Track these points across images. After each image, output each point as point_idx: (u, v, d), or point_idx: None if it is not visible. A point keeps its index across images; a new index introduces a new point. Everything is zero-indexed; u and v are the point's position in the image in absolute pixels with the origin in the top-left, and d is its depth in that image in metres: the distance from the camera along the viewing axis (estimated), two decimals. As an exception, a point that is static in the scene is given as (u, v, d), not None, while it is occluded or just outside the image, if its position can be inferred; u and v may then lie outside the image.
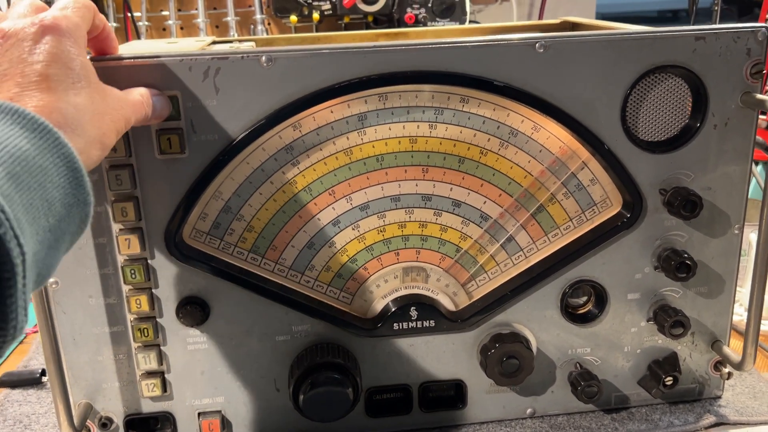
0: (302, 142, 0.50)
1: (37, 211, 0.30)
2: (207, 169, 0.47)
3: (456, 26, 0.84)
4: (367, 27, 1.00)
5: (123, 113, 0.40)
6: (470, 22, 0.95)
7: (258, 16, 0.98)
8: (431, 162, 0.52)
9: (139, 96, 0.43)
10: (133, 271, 0.49)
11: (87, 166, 0.35)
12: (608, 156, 0.51)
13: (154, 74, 0.45)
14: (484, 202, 0.53)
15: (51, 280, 0.48)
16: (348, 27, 1.00)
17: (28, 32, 0.36)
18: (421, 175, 0.52)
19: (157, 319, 0.51)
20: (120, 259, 0.49)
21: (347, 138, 0.50)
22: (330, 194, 0.51)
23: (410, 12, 0.91)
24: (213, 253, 0.51)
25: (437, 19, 0.91)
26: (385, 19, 0.98)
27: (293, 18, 0.95)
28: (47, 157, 0.31)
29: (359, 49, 0.47)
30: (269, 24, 1.01)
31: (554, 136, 0.52)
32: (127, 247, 0.48)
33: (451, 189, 0.52)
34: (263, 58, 0.46)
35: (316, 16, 0.95)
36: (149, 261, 0.49)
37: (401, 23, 0.92)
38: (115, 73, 0.45)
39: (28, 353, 0.69)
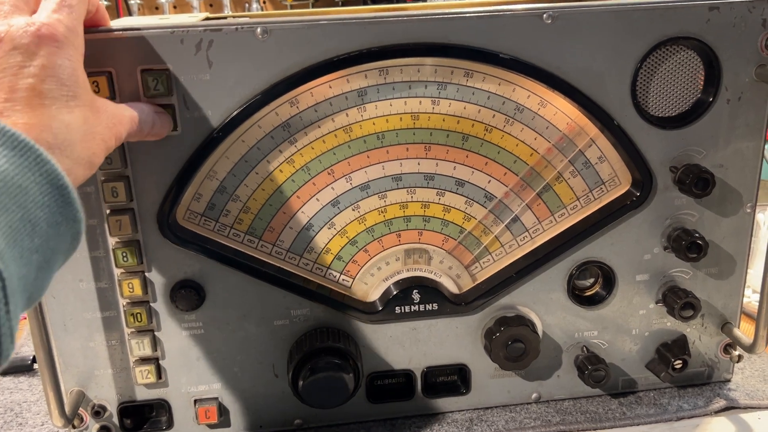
0: (300, 118, 0.48)
1: (18, 233, 0.28)
2: (200, 147, 0.45)
3: (452, 1, 0.81)
4: (365, 4, 0.97)
5: (115, 131, 0.38)
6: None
7: (253, -6, 0.95)
8: (434, 139, 0.50)
9: (137, 112, 0.41)
10: (125, 254, 0.47)
11: (72, 184, 0.32)
12: (617, 132, 0.49)
13: (144, 47, 0.43)
14: (489, 182, 0.51)
15: (39, 263, 0.47)
16: (346, 4, 0.98)
17: (22, 42, 0.33)
18: (424, 154, 0.50)
19: (151, 304, 0.49)
20: (111, 242, 0.47)
21: (347, 114, 0.48)
22: (329, 173, 0.50)
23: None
24: (208, 235, 0.49)
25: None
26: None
27: (289, -5, 0.92)
28: (28, 176, 0.29)
29: (359, 20, 0.45)
30: (264, 2, 0.98)
31: (561, 111, 0.50)
32: (118, 228, 0.46)
33: (454, 168, 0.50)
34: (258, 29, 0.44)
35: (312, -7, 0.92)
36: (141, 243, 0.47)
37: (400, 1, 0.90)
38: (104, 46, 0.43)
39: (19, 339, 0.67)
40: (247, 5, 0.97)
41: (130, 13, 0.93)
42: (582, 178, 0.52)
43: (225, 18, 0.67)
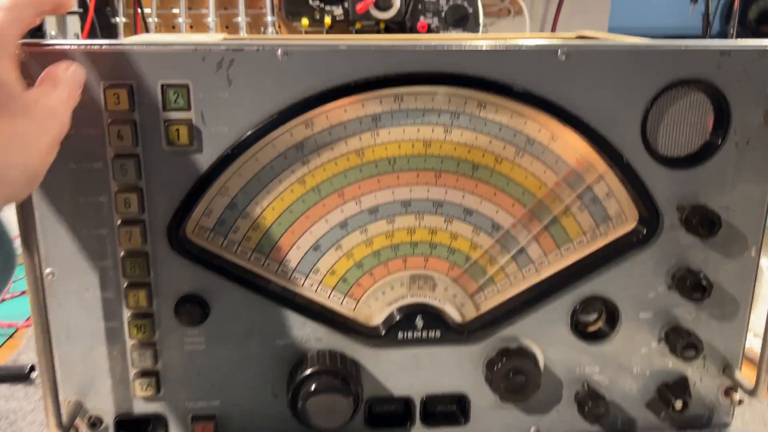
0: (314, 140, 0.48)
1: None
2: (215, 164, 0.46)
3: (468, 35, 0.83)
4: (378, 34, 0.99)
5: (52, 135, 0.35)
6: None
7: (269, 18, 0.97)
8: (444, 167, 0.50)
9: (65, 91, 0.37)
10: (132, 265, 0.47)
11: (9, 201, 0.30)
12: (626, 169, 0.50)
13: (166, 62, 0.44)
14: (497, 211, 0.51)
15: (47, 270, 0.47)
16: (359, 33, 1.00)
17: None
18: (434, 181, 0.50)
19: (155, 317, 0.49)
20: (120, 252, 0.47)
21: (360, 138, 0.49)
22: (339, 196, 0.50)
23: (423, 20, 0.90)
24: (216, 250, 0.49)
25: (450, 28, 0.91)
26: (396, 27, 0.97)
27: (305, 21, 0.94)
28: None
29: (378, 48, 0.46)
30: (279, 27, 1.00)
31: (572, 146, 0.50)
32: (128, 240, 0.46)
33: (463, 196, 0.51)
34: (279, 51, 0.45)
35: (327, 20, 0.94)
36: (150, 255, 0.47)
37: (413, 31, 0.91)
38: (127, 59, 0.43)
39: (17, 348, 0.67)
40: (262, 29, 0.99)
41: (147, 31, 0.94)
42: (589, 213, 0.52)
43: (242, 40, 0.69)
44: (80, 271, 0.47)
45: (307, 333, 0.51)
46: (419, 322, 0.51)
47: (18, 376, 0.62)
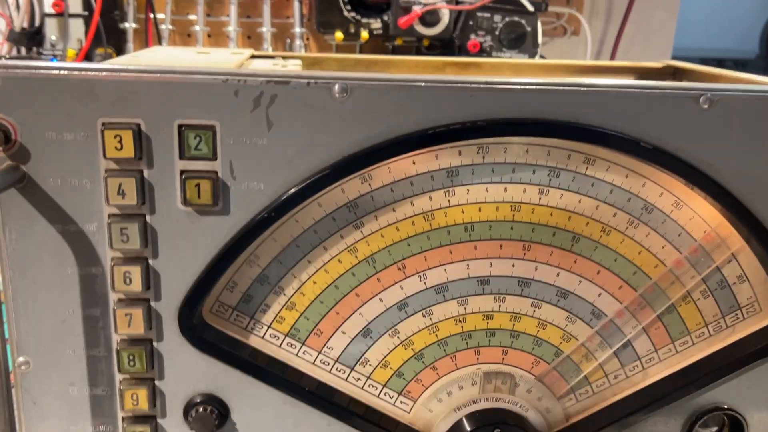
0: (371, 198, 0.37)
1: None
2: (245, 230, 0.35)
3: (532, 60, 0.72)
4: (418, 52, 0.88)
5: None
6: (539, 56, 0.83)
7: (297, 30, 0.86)
8: (536, 237, 0.39)
9: None
10: (131, 357, 0.36)
11: None
12: (771, 249, 0.38)
13: (185, 96, 0.33)
14: (599, 295, 0.40)
15: (21, 359, 0.36)
16: (397, 50, 0.89)
17: None
18: (521, 254, 0.39)
19: (158, 420, 0.38)
20: (116, 339, 0.36)
21: (430, 198, 0.38)
22: (399, 268, 0.39)
23: (474, 39, 0.79)
24: (238, 335, 0.38)
25: (504, 49, 0.80)
26: (439, 45, 0.86)
27: (338, 35, 0.83)
28: None
29: (464, 86, 0.35)
30: (308, 39, 0.89)
31: (699, 216, 0.39)
32: (126, 324, 0.35)
33: (557, 274, 0.40)
34: (336, 87, 0.34)
35: (364, 34, 0.83)
36: (155, 344, 0.36)
37: (462, 50, 0.80)
38: (132, 90, 0.32)
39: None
40: (288, 40, 0.88)
41: (159, 40, 0.84)
42: (714, 299, 0.41)
43: (273, 57, 0.58)
44: (64, 361, 0.36)
45: (351, 445, 0.40)
46: (497, 435, 0.40)
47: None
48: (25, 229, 0.34)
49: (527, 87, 0.35)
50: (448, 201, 0.38)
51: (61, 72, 0.32)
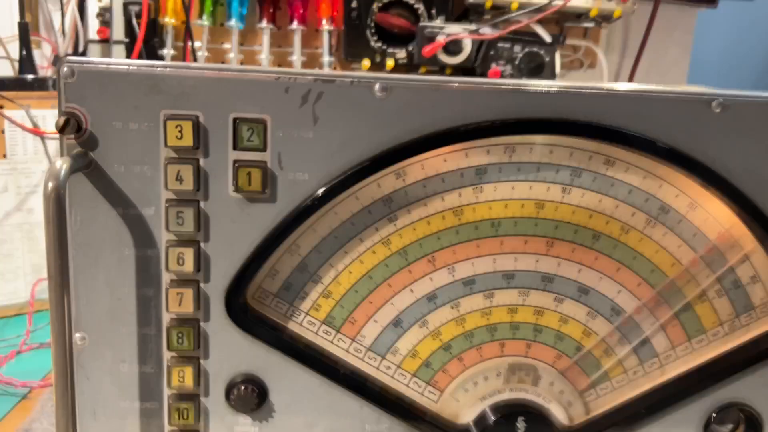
0: (404, 193, 0.40)
1: None
2: (290, 217, 0.38)
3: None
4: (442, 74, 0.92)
5: None
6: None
7: (326, 59, 0.90)
8: (559, 234, 0.42)
9: None
10: (180, 335, 0.39)
11: None
12: (783, 250, 0.41)
13: (241, 92, 0.36)
14: (619, 292, 0.42)
15: (77, 335, 0.38)
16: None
17: None
18: (545, 250, 0.42)
19: (201, 399, 0.40)
20: (166, 318, 0.39)
21: (459, 194, 0.41)
22: (429, 261, 0.41)
23: (495, 67, 0.83)
24: (279, 320, 0.41)
25: (524, 78, 0.83)
26: (460, 75, 0.90)
27: (365, 63, 0.87)
28: None
29: (495, 87, 0.38)
30: (335, 68, 0.93)
31: (714, 218, 0.42)
32: (177, 303, 0.38)
33: (579, 270, 0.42)
34: (377, 86, 0.37)
35: (390, 63, 0.87)
36: (202, 324, 0.39)
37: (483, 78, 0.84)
38: (194, 85, 0.36)
39: (31, 413, 0.58)
40: (318, 69, 0.92)
41: (196, 66, 0.88)
42: (729, 299, 0.43)
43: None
44: (117, 338, 0.39)
45: (381, 429, 0.42)
46: (521, 424, 0.42)
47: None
48: (89, 212, 0.37)
49: (551, 90, 0.38)
50: (477, 197, 0.41)
51: (130, 68, 0.36)
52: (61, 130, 0.35)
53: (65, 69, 0.35)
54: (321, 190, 0.38)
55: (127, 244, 0.38)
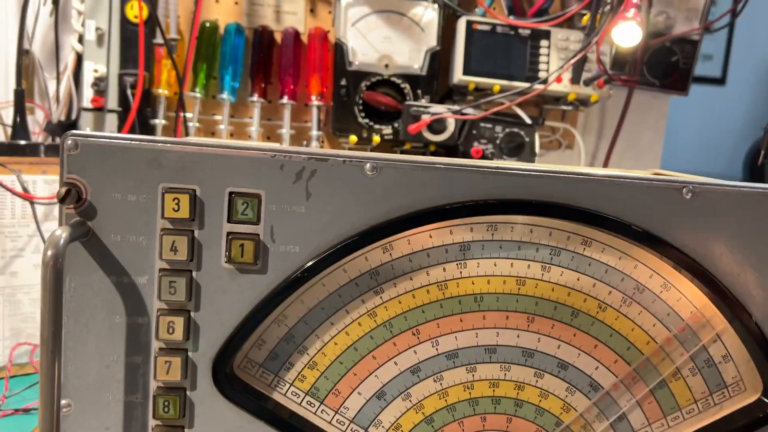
0: (391, 267, 0.42)
1: None
2: (280, 288, 0.39)
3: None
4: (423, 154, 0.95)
5: None
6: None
7: (314, 132, 0.93)
8: (539, 311, 0.43)
9: None
10: (166, 404, 0.39)
11: None
12: (753, 329, 0.42)
13: (237, 168, 0.38)
14: (597, 368, 0.44)
15: (64, 401, 0.39)
16: (405, 154, 0.95)
17: None
18: (525, 325, 0.43)
19: (184, 469, 0.40)
20: (153, 386, 0.39)
21: (444, 269, 0.42)
22: (414, 334, 0.43)
23: (477, 146, 0.86)
24: (263, 390, 0.41)
25: (504, 156, 0.86)
26: (444, 151, 0.93)
27: (353, 138, 0.90)
28: None
29: (480, 169, 0.40)
30: (323, 142, 0.96)
31: (686, 298, 0.43)
32: (165, 371, 0.38)
33: (558, 346, 0.43)
34: (368, 165, 0.39)
35: (376, 138, 0.90)
36: (188, 393, 0.39)
37: (466, 156, 0.87)
38: (193, 160, 0.37)
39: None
40: (305, 142, 0.95)
41: (187, 136, 0.90)
42: (702, 377, 0.44)
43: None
44: (102, 405, 0.39)
45: (363, 502, 0.42)
46: (501, 499, 0.42)
47: None
48: (84, 279, 0.38)
49: (532, 173, 0.40)
50: (460, 273, 0.42)
51: (132, 142, 0.38)
52: (62, 200, 0.36)
53: (69, 141, 0.37)
54: (310, 263, 0.39)
55: (119, 312, 0.38)
